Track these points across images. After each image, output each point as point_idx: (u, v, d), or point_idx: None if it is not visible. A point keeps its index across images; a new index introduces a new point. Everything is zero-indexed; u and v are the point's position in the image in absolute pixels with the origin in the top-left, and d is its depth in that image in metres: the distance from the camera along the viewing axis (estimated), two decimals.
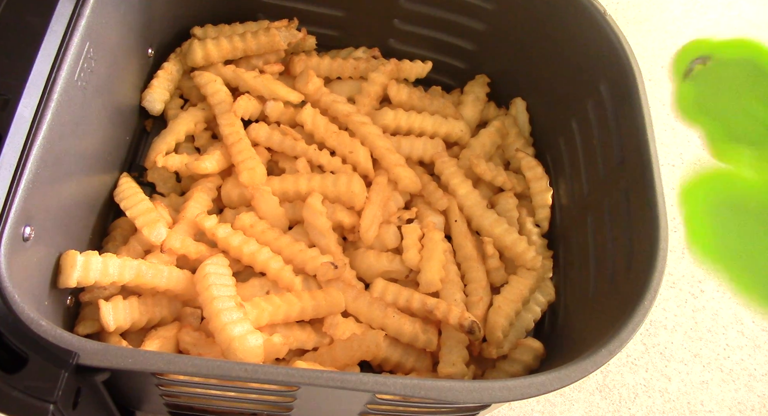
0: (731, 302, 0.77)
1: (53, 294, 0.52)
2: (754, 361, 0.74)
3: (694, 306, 0.76)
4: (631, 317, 0.48)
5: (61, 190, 0.53)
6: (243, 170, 0.63)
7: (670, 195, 0.85)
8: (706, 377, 0.72)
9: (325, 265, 0.59)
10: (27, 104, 0.47)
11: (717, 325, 0.75)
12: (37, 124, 0.47)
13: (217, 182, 0.67)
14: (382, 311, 0.59)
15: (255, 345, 0.52)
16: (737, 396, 0.71)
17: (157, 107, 0.72)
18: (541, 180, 0.73)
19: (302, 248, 0.60)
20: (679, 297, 0.77)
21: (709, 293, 0.78)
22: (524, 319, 0.63)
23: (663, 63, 0.97)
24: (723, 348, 0.74)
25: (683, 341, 0.74)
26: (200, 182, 0.66)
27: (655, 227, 0.51)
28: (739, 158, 0.88)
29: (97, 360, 0.40)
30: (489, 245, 0.65)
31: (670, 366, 0.72)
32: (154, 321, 0.58)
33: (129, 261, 0.55)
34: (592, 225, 0.63)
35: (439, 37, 0.78)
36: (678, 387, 0.71)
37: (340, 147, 0.67)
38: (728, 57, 0.98)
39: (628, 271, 0.54)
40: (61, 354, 0.39)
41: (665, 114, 0.92)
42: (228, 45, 0.72)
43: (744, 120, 0.92)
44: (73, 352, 0.39)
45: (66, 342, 0.40)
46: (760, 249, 0.81)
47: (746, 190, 0.86)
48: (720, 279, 0.78)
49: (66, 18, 0.52)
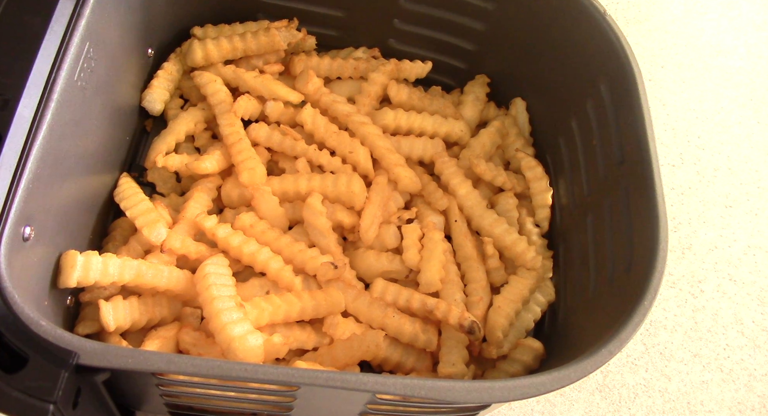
0: (731, 302, 0.77)
1: (53, 294, 0.52)
2: (754, 361, 0.74)
3: (694, 306, 0.76)
4: (631, 317, 0.48)
5: (61, 190, 0.53)
6: (243, 170, 0.63)
7: (670, 195, 0.85)
8: (706, 377, 0.72)
9: (325, 265, 0.59)
10: (27, 104, 0.47)
11: (717, 325, 0.75)
12: (37, 124, 0.47)
13: (217, 182, 0.67)
14: (382, 311, 0.59)
15: (255, 344, 0.52)
16: (737, 396, 0.71)
17: (157, 107, 0.72)
18: (541, 180, 0.73)
19: (302, 248, 0.60)
20: (679, 297, 0.77)
21: (709, 293, 0.77)
22: (524, 319, 0.63)
23: (663, 63, 0.97)
24: (723, 348, 0.74)
25: (683, 341, 0.74)
26: (200, 182, 0.66)
27: (655, 227, 0.51)
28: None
29: (97, 360, 0.40)
30: (489, 245, 0.65)
31: (670, 366, 0.72)
32: (154, 321, 0.58)
33: (129, 261, 0.55)
34: (592, 225, 0.63)
35: (439, 37, 0.78)
36: (678, 387, 0.71)
37: (340, 147, 0.67)
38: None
39: (628, 271, 0.54)
40: (61, 354, 0.39)
41: (665, 114, 0.92)
42: (228, 45, 0.72)
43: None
44: (73, 352, 0.39)
45: (66, 341, 0.40)
46: None
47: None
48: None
49: (66, 18, 0.52)
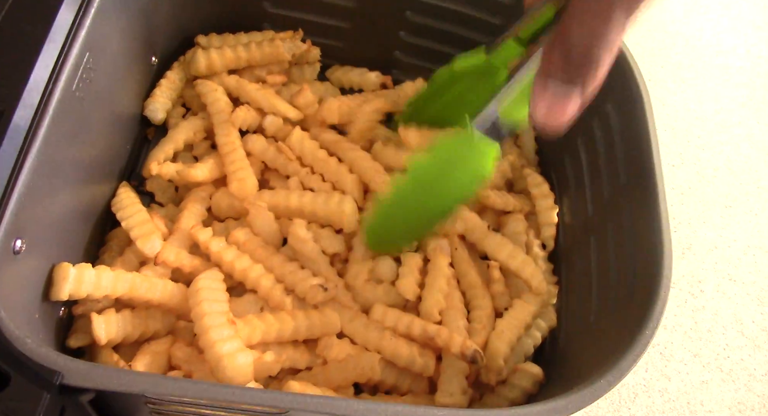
0: (731, 302, 0.77)
1: (45, 307, 0.51)
2: (754, 361, 0.73)
3: (694, 306, 0.76)
4: (632, 347, 0.47)
5: (56, 201, 0.52)
6: (234, 179, 0.63)
7: (670, 195, 0.84)
8: (705, 377, 0.71)
9: (314, 288, 0.57)
10: (22, 115, 0.46)
11: (717, 325, 0.75)
12: (32, 135, 0.46)
13: (211, 191, 0.66)
14: (379, 333, 0.57)
15: (244, 363, 0.51)
16: (737, 396, 0.71)
17: (159, 116, 0.71)
18: (547, 198, 0.71)
19: (293, 269, 0.59)
20: (679, 297, 0.77)
21: (709, 293, 0.77)
22: (524, 344, 0.62)
23: (663, 63, 0.96)
24: (723, 348, 0.74)
25: (683, 341, 0.74)
26: (193, 191, 0.65)
27: (659, 255, 0.49)
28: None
29: (81, 380, 0.39)
30: (495, 270, 0.64)
31: (670, 366, 0.72)
32: (147, 334, 0.57)
33: (123, 274, 0.55)
34: (596, 249, 0.61)
35: (445, 50, 0.77)
36: (678, 387, 0.71)
37: (328, 174, 0.65)
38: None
39: (630, 299, 0.52)
40: (45, 373, 0.38)
41: (665, 114, 0.91)
42: (231, 54, 0.72)
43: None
44: (58, 372, 0.38)
45: (50, 361, 0.39)
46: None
47: None
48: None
49: (66, 28, 0.51)
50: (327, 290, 0.58)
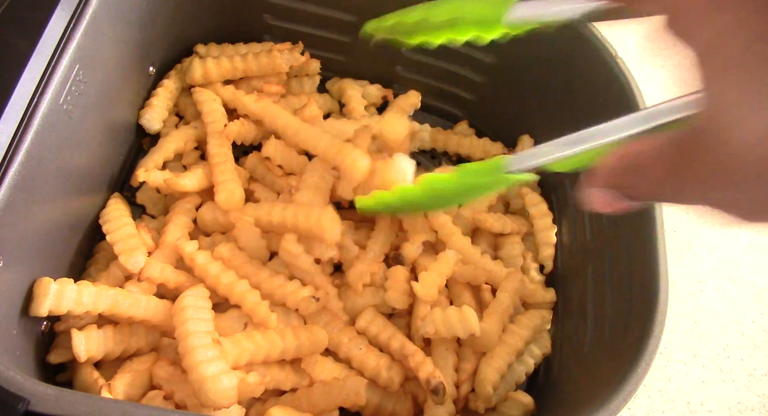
0: (731, 302, 0.76)
1: (24, 322, 0.51)
2: (754, 361, 0.72)
3: (694, 306, 0.75)
4: (623, 385, 0.45)
5: (39, 214, 0.52)
6: (221, 190, 0.61)
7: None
8: (705, 377, 0.71)
9: (306, 299, 0.56)
10: (4, 129, 0.45)
11: (717, 325, 0.74)
12: (13, 150, 0.46)
13: (197, 202, 0.65)
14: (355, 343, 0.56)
15: (228, 386, 0.50)
16: (737, 395, 0.70)
17: (155, 126, 0.70)
18: (546, 217, 0.70)
19: (282, 282, 0.58)
20: (679, 297, 0.76)
21: (709, 293, 0.76)
22: (516, 371, 0.60)
23: (663, 63, 0.95)
24: (723, 347, 0.73)
25: (683, 341, 0.73)
26: (178, 203, 0.64)
27: (654, 289, 0.48)
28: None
29: (48, 407, 0.38)
30: (487, 293, 0.62)
31: (670, 366, 0.71)
32: (130, 351, 0.56)
33: (105, 290, 0.54)
34: (593, 277, 0.60)
35: (447, 66, 0.76)
36: (677, 386, 0.70)
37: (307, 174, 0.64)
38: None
39: (625, 332, 0.50)
40: (10, 399, 0.37)
41: None
42: (228, 64, 0.71)
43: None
44: (24, 398, 0.37)
45: (17, 386, 0.38)
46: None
47: None
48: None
49: (55, 41, 0.50)
50: (319, 300, 0.56)
